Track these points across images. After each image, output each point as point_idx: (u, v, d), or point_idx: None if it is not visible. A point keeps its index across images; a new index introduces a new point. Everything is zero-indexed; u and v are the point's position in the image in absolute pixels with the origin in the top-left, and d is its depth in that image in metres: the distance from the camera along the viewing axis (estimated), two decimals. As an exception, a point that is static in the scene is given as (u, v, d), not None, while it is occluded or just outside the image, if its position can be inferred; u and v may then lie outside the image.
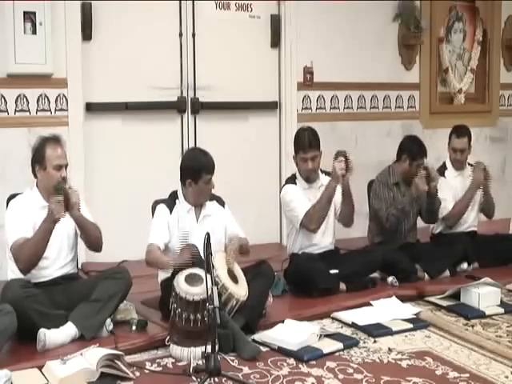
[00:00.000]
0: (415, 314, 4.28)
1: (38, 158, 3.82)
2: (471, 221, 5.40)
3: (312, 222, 4.59)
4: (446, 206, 5.26)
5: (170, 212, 4.07)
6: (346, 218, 4.69)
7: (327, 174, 4.72)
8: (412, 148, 5.12)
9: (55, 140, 3.86)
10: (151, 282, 4.20)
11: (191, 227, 4.06)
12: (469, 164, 5.46)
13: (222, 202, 4.26)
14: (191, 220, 4.09)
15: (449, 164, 5.42)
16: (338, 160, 4.46)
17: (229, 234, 4.16)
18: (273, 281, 4.24)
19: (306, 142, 4.62)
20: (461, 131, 5.38)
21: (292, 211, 4.69)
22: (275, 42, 5.96)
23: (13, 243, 3.71)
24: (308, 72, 6.04)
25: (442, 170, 5.39)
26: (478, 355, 3.69)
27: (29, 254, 3.64)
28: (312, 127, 4.78)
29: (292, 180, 4.76)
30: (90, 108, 5.21)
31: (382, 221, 5.00)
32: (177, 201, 4.11)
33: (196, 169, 4.04)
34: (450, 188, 5.28)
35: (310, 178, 4.70)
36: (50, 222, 3.62)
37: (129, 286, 3.88)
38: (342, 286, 4.57)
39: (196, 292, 3.49)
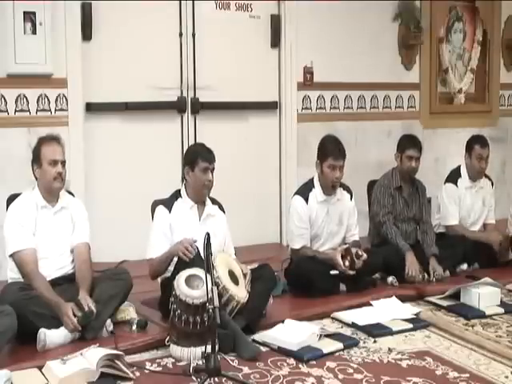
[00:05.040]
0: (415, 314, 4.28)
1: (34, 158, 3.85)
2: (474, 228, 5.46)
3: (298, 256, 4.61)
4: (448, 217, 5.30)
5: (170, 211, 4.06)
6: None
7: (345, 187, 4.71)
8: (402, 140, 5.14)
9: (51, 138, 3.87)
10: (151, 282, 4.18)
11: (193, 225, 4.06)
12: (486, 176, 5.51)
13: (223, 210, 4.27)
14: (193, 217, 4.09)
15: (464, 172, 5.39)
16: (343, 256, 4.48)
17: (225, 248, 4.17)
18: (274, 284, 4.23)
19: (339, 149, 4.56)
20: (484, 140, 5.38)
21: (291, 233, 4.68)
22: (275, 42, 5.96)
23: (15, 254, 3.71)
24: (308, 72, 6.04)
25: (455, 178, 5.39)
26: (478, 355, 3.69)
27: (29, 281, 3.67)
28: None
29: (307, 190, 4.63)
30: (90, 108, 5.20)
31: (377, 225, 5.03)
32: (179, 199, 4.11)
33: (192, 155, 4.10)
34: (459, 199, 5.31)
35: (332, 188, 4.60)
36: (55, 308, 3.60)
37: (129, 287, 3.89)
38: (342, 287, 4.57)
39: (196, 295, 3.48)
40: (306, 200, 4.59)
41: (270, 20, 5.93)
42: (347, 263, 4.45)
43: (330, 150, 4.56)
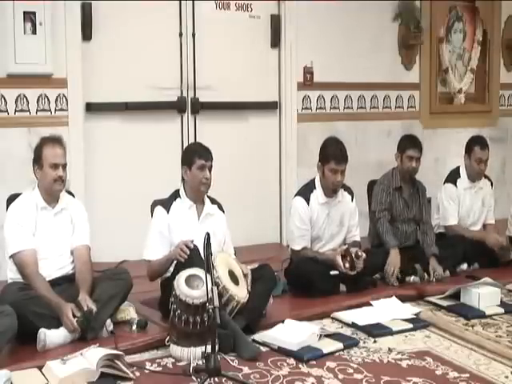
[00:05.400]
0: (415, 314, 4.28)
1: (36, 158, 3.84)
2: (474, 228, 5.45)
3: (298, 257, 4.61)
4: (447, 217, 5.29)
5: (168, 211, 4.06)
6: None
7: (346, 188, 4.71)
8: (402, 140, 5.14)
9: (53, 140, 3.86)
10: (151, 282, 4.19)
11: (192, 225, 4.06)
12: (485, 176, 5.49)
13: (222, 209, 4.27)
14: (192, 217, 4.09)
15: (463, 173, 5.39)
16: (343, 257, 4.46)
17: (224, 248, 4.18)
18: (274, 284, 4.23)
19: (341, 153, 4.53)
20: (484, 142, 5.36)
21: (292, 233, 4.68)
22: (275, 42, 5.96)
23: (15, 255, 3.71)
24: (308, 72, 6.04)
25: (454, 178, 5.39)
26: (478, 355, 3.69)
27: (29, 282, 3.67)
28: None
29: (309, 191, 4.62)
30: (90, 108, 5.20)
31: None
32: (178, 199, 4.12)
33: (189, 154, 4.13)
34: (458, 199, 5.31)
35: (333, 191, 4.59)
36: (55, 308, 3.59)
37: (129, 287, 3.89)
38: (342, 287, 4.57)
39: (196, 295, 3.48)
40: (308, 201, 4.59)
41: (270, 20, 5.93)
42: (347, 264, 4.45)
43: (333, 153, 4.53)
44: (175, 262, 3.88)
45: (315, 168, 4.65)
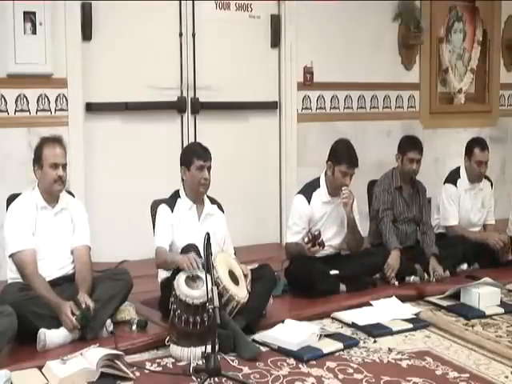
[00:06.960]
0: (415, 314, 4.28)
1: (36, 158, 3.84)
2: (474, 229, 5.44)
3: (286, 254, 4.65)
4: (448, 217, 5.28)
5: (172, 210, 4.07)
6: (353, 246, 4.74)
7: None
8: (403, 141, 5.13)
9: (54, 140, 3.86)
10: (151, 282, 4.20)
11: (193, 225, 4.06)
12: (485, 177, 5.47)
13: (221, 209, 4.27)
14: (193, 217, 4.10)
15: (464, 174, 5.37)
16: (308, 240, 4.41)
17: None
18: (274, 284, 4.23)
19: (354, 159, 4.55)
20: (483, 143, 5.34)
21: (289, 228, 4.68)
22: (275, 42, 5.96)
23: (15, 255, 3.72)
24: (308, 72, 6.03)
25: (454, 178, 5.38)
26: (477, 355, 3.69)
27: (29, 282, 3.67)
28: None
29: (312, 189, 4.65)
30: (90, 108, 5.20)
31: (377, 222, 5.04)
32: (178, 199, 4.12)
33: (188, 154, 4.13)
34: (458, 199, 5.30)
35: (337, 192, 4.58)
36: (55, 308, 3.59)
37: (129, 287, 3.89)
38: (342, 287, 4.57)
39: (196, 295, 3.48)
40: (309, 200, 4.60)
41: (270, 20, 5.93)
42: (306, 239, 4.39)
43: (347, 156, 4.54)
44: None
45: (315, 168, 4.65)
